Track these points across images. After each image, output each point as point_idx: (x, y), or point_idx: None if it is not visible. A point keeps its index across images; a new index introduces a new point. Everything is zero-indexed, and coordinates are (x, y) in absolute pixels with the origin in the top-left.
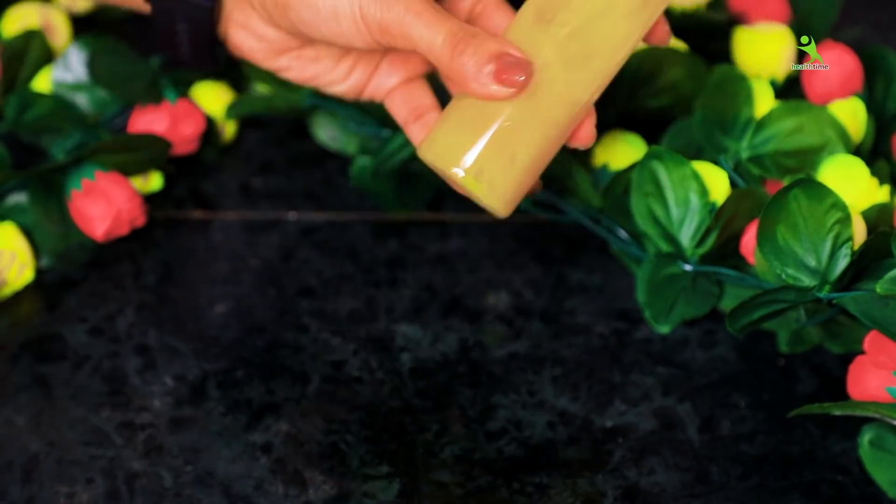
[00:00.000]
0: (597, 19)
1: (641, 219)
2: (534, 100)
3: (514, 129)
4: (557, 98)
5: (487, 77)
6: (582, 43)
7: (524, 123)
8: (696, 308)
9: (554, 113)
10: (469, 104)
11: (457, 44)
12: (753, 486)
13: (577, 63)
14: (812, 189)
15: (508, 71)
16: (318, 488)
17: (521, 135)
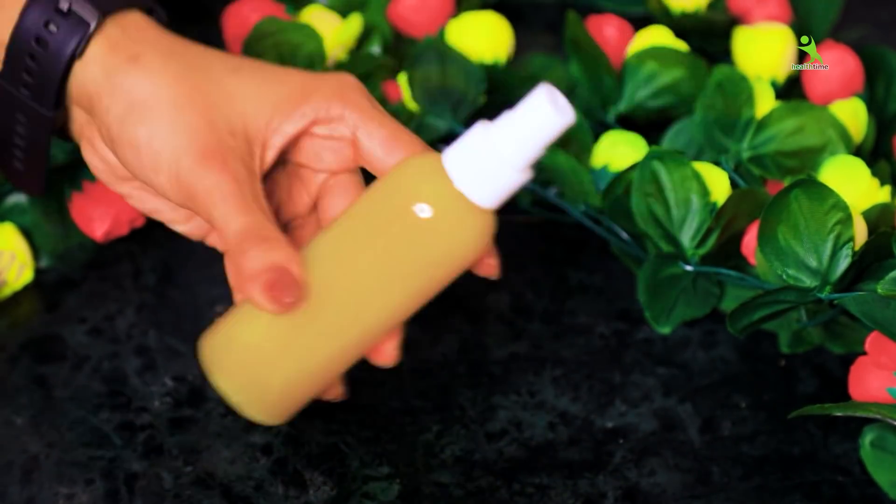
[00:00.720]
0: (385, 262)
1: (642, 219)
2: (318, 318)
3: (288, 344)
4: (347, 319)
5: (258, 286)
6: (365, 279)
7: (301, 339)
8: (697, 308)
9: (339, 335)
10: (251, 310)
11: (245, 239)
12: (754, 487)
13: (361, 297)
14: (813, 189)
15: (277, 289)
16: (318, 489)
17: (298, 350)
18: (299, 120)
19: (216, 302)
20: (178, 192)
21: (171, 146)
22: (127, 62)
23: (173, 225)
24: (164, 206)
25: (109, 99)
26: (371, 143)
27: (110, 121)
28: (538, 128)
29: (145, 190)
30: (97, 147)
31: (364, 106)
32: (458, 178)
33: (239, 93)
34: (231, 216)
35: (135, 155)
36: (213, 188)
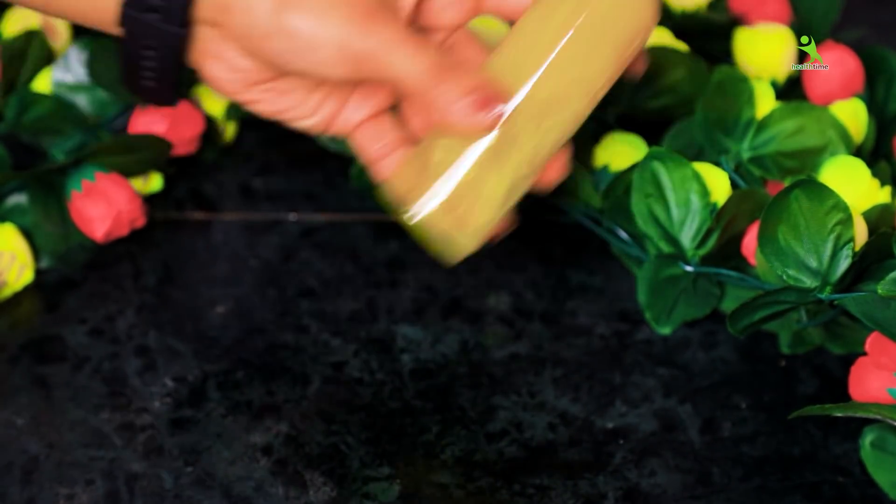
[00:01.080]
0: (569, 64)
1: (642, 220)
2: (506, 139)
3: (484, 169)
4: (529, 139)
5: (466, 108)
6: (554, 85)
7: (495, 164)
8: (697, 309)
9: (526, 153)
10: (439, 143)
11: (438, 73)
12: (754, 488)
13: (550, 106)
14: (813, 190)
15: (487, 103)
16: (318, 490)
17: (491, 175)
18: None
19: (216, 302)
20: (347, 60)
21: (333, 19)
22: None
23: (299, 121)
24: (292, 101)
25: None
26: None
27: (255, 17)
28: None
29: (274, 90)
30: (227, 58)
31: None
32: None
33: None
34: (414, 59)
35: (292, 42)
36: (388, 39)
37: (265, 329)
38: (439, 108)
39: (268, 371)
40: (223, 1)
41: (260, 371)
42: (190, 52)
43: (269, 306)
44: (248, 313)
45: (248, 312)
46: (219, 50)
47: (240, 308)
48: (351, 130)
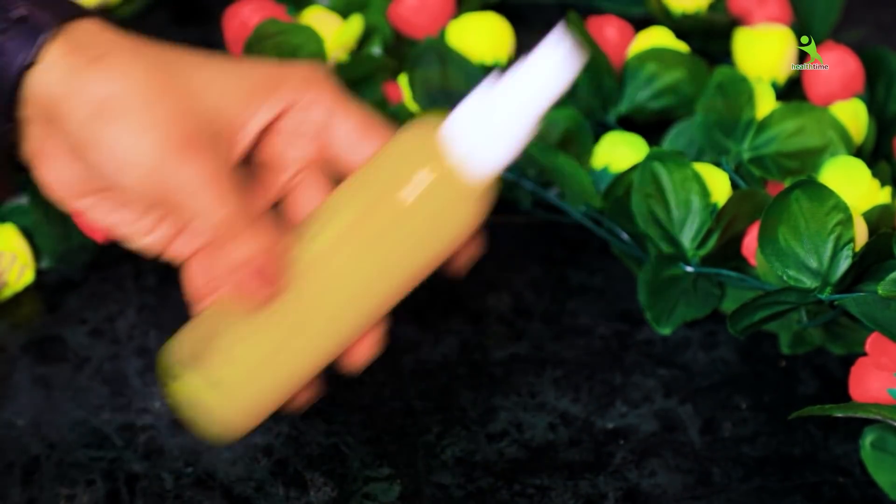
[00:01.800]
0: (372, 250)
1: (642, 220)
2: (302, 312)
3: (264, 341)
4: (332, 310)
5: (244, 275)
6: (354, 269)
7: (282, 336)
8: (698, 309)
9: (324, 328)
10: (220, 310)
11: (228, 229)
12: (755, 488)
13: (349, 288)
14: (813, 190)
15: (265, 277)
16: (318, 490)
17: (275, 348)
18: (270, 109)
19: None
20: (152, 188)
21: (145, 141)
22: (90, 63)
23: (133, 240)
24: (127, 216)
25: (74, 100)
26: (345, 127)
27: (75, 124)
28: (549, 79)
29: (106, 201)
30: (54, 162)
31: (336, 92)
32: (461, 140)
33: (208, 86)
34: (211, 207)
35: (104, 155)
36: (190, 179)
37: None
38: (220, 265)
39: None
40: (48, 102)
41: None
42: (22, 147)
43: None
44: None
45: None
46: (50, 152)
47: None
48: (185, 258)
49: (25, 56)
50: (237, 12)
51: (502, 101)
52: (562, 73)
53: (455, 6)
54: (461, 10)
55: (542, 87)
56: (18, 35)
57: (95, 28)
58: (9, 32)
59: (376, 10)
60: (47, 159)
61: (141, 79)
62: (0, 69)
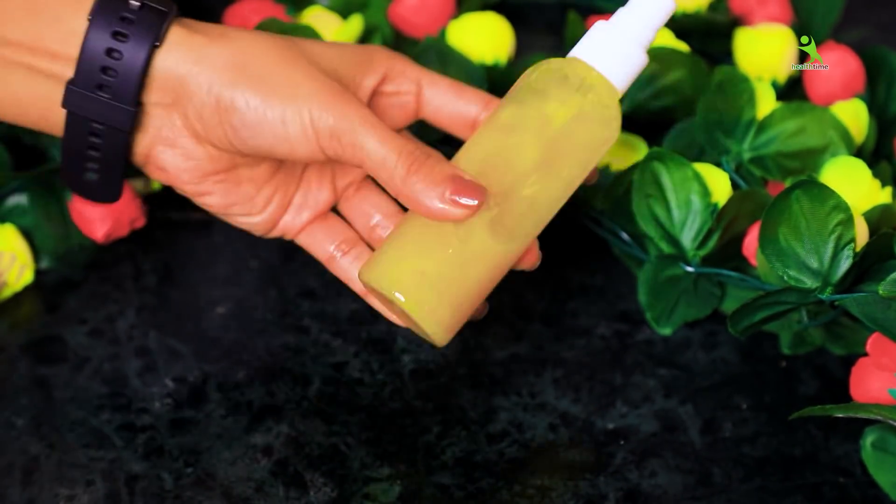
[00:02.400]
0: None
1: (643, 220)
2: (480, 231)
3: (459, 257)
4: (508, 221)
5: (440, 198)
6: (535, 163)
7: (470, 252)
8: (698, 310)
9: (499, 245)
10: (416, 228)
11: (412, 163)
12: (755, 488)
13: (530, 183)
14: (814, 190)
15: (462, 193)
16: (318, 490)
17: (466, 264)
18: (374, 75)
19: (216, 303)
20: (313, 139)
21: (298, 94)
22: (215, 39)
23: (246, 217)
24: (246, 195)
25: (209, 71)
26: (437, 90)
27: (217, 92)
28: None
29: (227, 181)
30: (181, 145)
31: (416, 65)
32: (594, 63)
33: (325, 55)
34: (387, 145)
35: (256, 116)
36: (358, 123)
37: (266, 330)
38: (412, 198)
39: (268, 372)
40: (176, 78)
41: (260, 372)
42: (139, 140)
43: (269, 307)
44: (249, 314)
45: (248, 313)
46: (172, 136)
47: (240, 309)
48: (297, 232)
49: (153, 39)
50: (237, 12)
51: (619, 30)
52: (664, 5)
53: (455, 6)
54: (461, 10)
55: (649, 17)
56: (143, 21)
57: (200, 22)
58: (134, 17)
59: (376, 9)
60: (168, 146)
61: (270, 45)
62: (129, 50)
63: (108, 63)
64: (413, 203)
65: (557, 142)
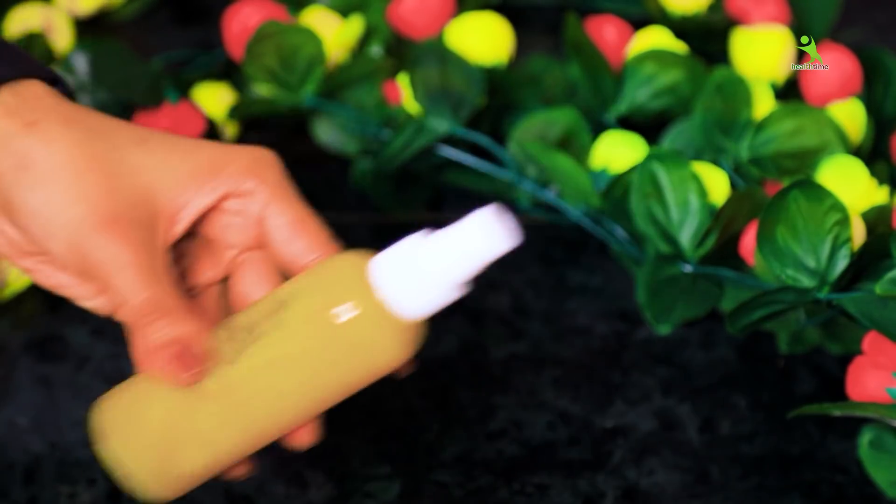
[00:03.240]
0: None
1: (641, 220)
2: (225, 403)
3: (193, 423)
4: (256, 409)
5: (161, 360)
6: (294, 367)
7: (206, 421)
8: (696, 309)
9: (247, 423)
10: (148, 381)
11: (148, 313)
12: (753, 487)
13: (286, 384)
14: (811, 190)
15: (180, 363)
16: (319, 488)
17: (202, 431)
18: (210, 194)
19: None
20: (75, 262)
21: (68, 213)
22: (23, 128)
23: (81, 301)
24: (69, 280)
25: (4, 164)
26: (277, 222)
27: (4, 187)
28: (481, 246)
29: (48, 263)
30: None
31: (277, 183)
32: (385, 285)
33: (145, 164)
34: (131, 288)
35: (30, 221)
36: (112, 258)
37: None
38: (139, 347)
39: None
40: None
41: None
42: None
43: None
44: None
45: None
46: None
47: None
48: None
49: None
50: (237, 13)
51: (430, 255)
52: (493, 246)
53: (455, 6)
54: (461, 11)
55: (471, 252)
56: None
57: (39, 91)
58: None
59: (376, 10)
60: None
61: (71, 148)
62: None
63: None
64: (137, 356)
65: (322, 345)
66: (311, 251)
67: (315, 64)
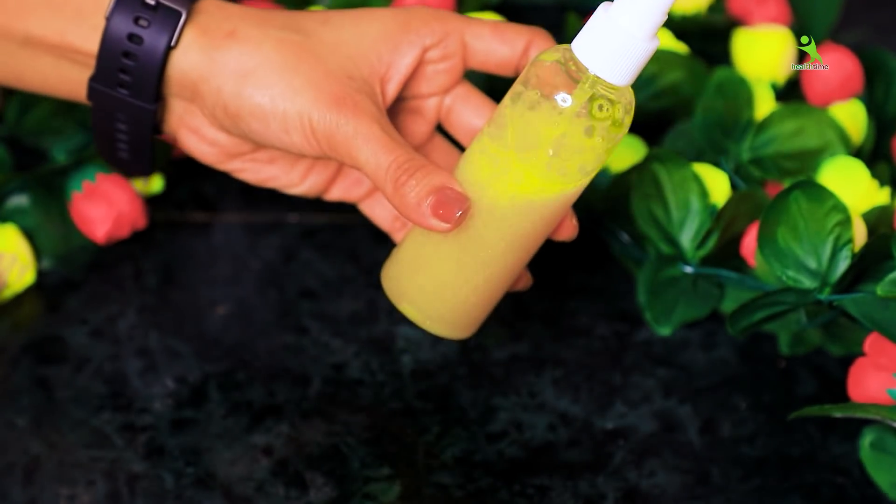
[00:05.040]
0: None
1: (642, 221)
2: (477, 236)
3: (459, 265)
4: (506, 227)
5: (426, 209)
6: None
7: (468, 259)
8: (697, 310)
9: (500, 246)
10: (419, 239)
11: (401, 174)
12: (754, 488)
13: (528, 188)
14: (812, 191)
15: (445, 206)
16: (318, 490)
17: (467, 271)
18: (411, 52)
19: (217, 303)
20: (316, 145)
21: (298, 104)
22: (225, 39)
23: (288, 189)
24: (279, 170)
25: (218, 77)
26: (481, 40)
27: (225, 98)
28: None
29: (257, 160)
30: (203, 133)
31: (462, 18)
32: (591, 62)
33: (339, 40)
34: (379, 155)
35: (261, 122)
36: (354, 132)
37: (266, 330)
38: (400, 209)
39: (268, 372)
40: (191, 80)
41: (261, 372)
42: (165, 124)
43: (269, 307)
44: (249, 314)
45: (248, 313)
46: (194, 124)
47: (240, 309)
48: (358, 200)
49: (168, 39)
50: None
51: (621, 17)
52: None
53: (455, 7)
54: (461, 11)
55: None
56: (157, 22)
57: (217, 5)
58: (149, 19)
59: None
60: (191, 132)
61: (276, 46)
62: (145, 53)
63: (125, 64)
64: (404, 214)
65: (554, 132)
66: (520, 44)
67: None
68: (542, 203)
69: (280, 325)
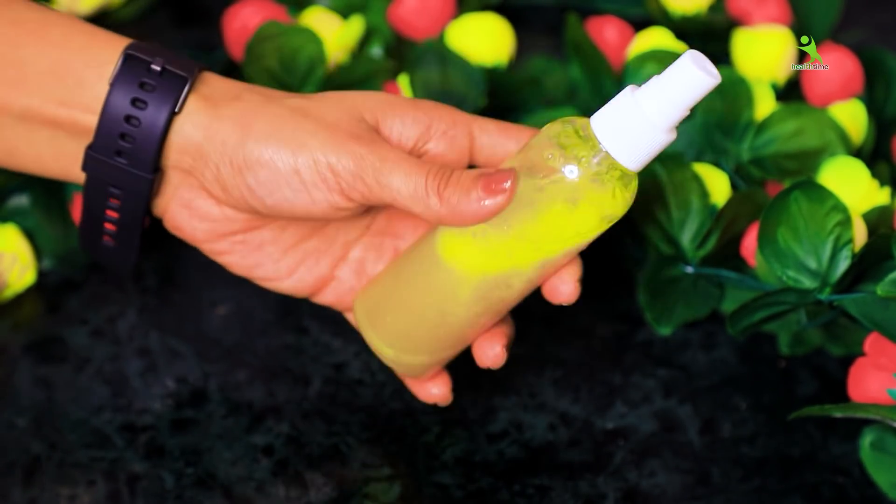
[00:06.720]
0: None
1: (642, 221)
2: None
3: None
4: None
5: (478, 199)
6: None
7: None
8: (697, 310)
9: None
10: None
11: (439, 182)
12: (754, 489)
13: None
14: (813, 191)
15: (494, 181)
16: (319, 490)
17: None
18: (414, 125)
19: (217, 303)
20: (333, 182)
21: (311, 141)
22: (230, 101)
23: (273, 282)
24: (267, 257)
25: (222, 132)
26: (487, 134)
27: (228, 155)
28: (686, 88)
29: (247, 243)
30: (196, 206)
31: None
32: (606, 140)
33: (343, 97)
34: (412, 176)
35: (271, 170)
36: (381, 161)
37: (266, 330)
38: (454, 213)
39: (269, 372)
40: (193, 144)
41: (261, 372)
42: (157, 202)
43: (269, 307)
44: (249, 314)
45: (248, 314)
46: (187, 196)
47: (241, 309)
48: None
49: (171, 106)
50: (237, 14)
51: (644, 104)
52: (700, 86)
53: (455, 7)
54: (461, 11)
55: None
56: (162, 88)
57: (217, 79)
58: (153, 84)
59: (377, 11)
60: (183, 206)
61: (282, 103)
62: (149, 119)
63: (127, 130)
64: (456, 217)
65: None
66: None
67: (315, 65)
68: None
69: (280, 325)
